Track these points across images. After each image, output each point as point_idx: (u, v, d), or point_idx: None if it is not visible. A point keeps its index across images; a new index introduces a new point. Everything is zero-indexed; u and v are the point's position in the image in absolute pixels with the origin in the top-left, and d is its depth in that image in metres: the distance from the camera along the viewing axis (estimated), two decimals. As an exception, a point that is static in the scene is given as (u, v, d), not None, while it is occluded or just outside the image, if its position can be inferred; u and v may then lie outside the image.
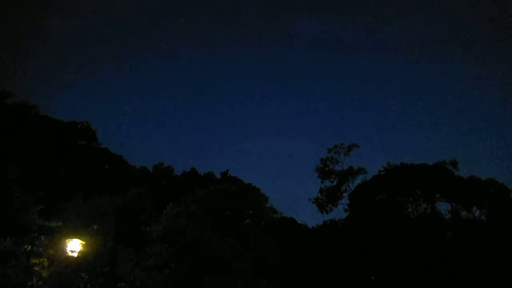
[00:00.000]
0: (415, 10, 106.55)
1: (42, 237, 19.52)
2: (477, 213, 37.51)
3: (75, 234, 20.38)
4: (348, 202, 41.97)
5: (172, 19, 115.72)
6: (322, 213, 43.03)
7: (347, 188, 42.98)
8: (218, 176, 44.21)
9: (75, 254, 19.89)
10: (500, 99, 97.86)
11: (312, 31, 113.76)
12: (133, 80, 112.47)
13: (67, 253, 19.80)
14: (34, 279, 18.03)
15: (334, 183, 43.36)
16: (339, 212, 42.94)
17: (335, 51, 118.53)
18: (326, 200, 43.15)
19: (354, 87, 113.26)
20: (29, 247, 18.75)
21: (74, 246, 19.93)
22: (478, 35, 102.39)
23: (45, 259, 18.86)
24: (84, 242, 20.25)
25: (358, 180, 42.43)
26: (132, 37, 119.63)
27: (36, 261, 18.54)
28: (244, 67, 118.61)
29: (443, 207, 38.48)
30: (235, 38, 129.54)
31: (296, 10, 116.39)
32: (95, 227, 21.79)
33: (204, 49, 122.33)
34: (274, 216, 39.43)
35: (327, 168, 43.63)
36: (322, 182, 43.68)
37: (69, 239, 20.02)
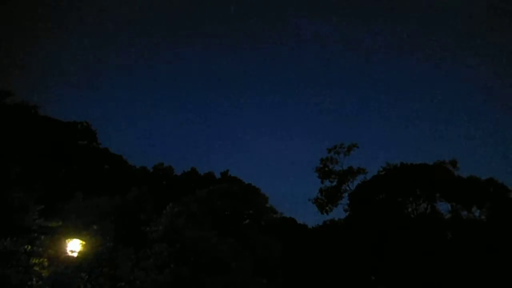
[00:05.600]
0: (415, 11, 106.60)
1: (42, 237, 19.48)
2: (477, 213, 37.56)
3: (75, 234, 20.35)
4: (348, 202, 42.02)
5: (172, 18, 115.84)
6: (322, 213, 43.13)
7: (347, 188, 43.09)
8: (218, 176, 44.20)
9: (75, 254, 19.86)
10: (500, 99, 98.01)
11: (313, 31, 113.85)
12: (133, 80, 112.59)
13: (67, 253, 19.76)
14: (34, 279, 18.00)
15: (334, 183, 43.42)
16: (339, 212, 43.14)
17: (336, 51, 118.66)
18: (326, 200, 43.18)
19: (355, 87, 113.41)
20: (29, 247, 18.71)
21: (74, 246, 19.91)
22: (478, 35, 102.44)
23: (45, 259, 18.82)
24: (84, 242, 20.22)
25: (358, 180, 42.57)
26: (133, 38, 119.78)
27: (36, 261, 18.50)
28: (244, 67, 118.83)
29: (443, 207, 38.60)
30: (236, 38, 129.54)
31: (297, 10, 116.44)
32: (95, 227, 21.74)
33: (204, 50, 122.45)
34: (274, 216, 39.43)
35: (327, 168, 43.69)
36: (322, 182, 43.80)
37: (69, 239, 20.00)
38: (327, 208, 42.98)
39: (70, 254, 19.78)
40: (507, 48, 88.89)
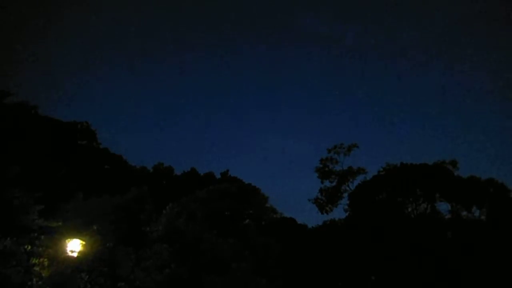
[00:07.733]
0: (415, 12, 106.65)
1: (42, 237, 19.48)
2: (477, 213, 37.56)
3: (75, 234, 20.37)
4: (348, 202, 41.98)
5: (174, 20, 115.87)
6: (322, 213, 43.05)
7: (347, 188, 43.02)
8: (218, 176, 44.26)
9: (75, 254, 19.89)
10: (500, 99, 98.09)
11: (313, 31, 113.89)
12: (133, 80, 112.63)
13: (67, 253, 19.79)
14: (34, 279, 18.02)
15: (334, 183, 43.35)
16: (339, 212, 43.03)
17: (336, 51, 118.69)
18: (326, 200, 43.13)
19: (354, 87, 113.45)
20: (29, 247, 18.73)
21: (74, 246, 19.93)
22: (477, 36, 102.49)
23: (45, 259, 18.84)
24: (84, 242, 20.24)
25: (358, 180, 42.50)
26: (133, 38, 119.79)
27: (36, 261, 18.52)
28: (244, 67, 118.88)
29: (443, 207, 38.58)
30: (235, 38, 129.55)
31: (297, 10, 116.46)
32: (95, 227, 21.73)
33: (204, 50, 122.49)
34: (274, 216, 39.49)
35: (327, 168, 43.63)
36: (322, 182, 43.72)
37: (69, 239, 20.01)
38: (327, 208, 42.94)
39: (70, 254, 19.80)
40: (507, 48, 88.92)
